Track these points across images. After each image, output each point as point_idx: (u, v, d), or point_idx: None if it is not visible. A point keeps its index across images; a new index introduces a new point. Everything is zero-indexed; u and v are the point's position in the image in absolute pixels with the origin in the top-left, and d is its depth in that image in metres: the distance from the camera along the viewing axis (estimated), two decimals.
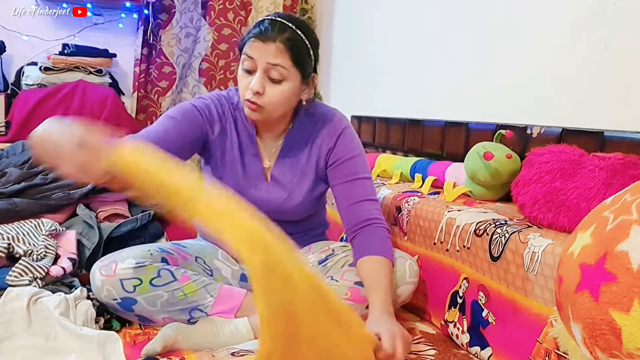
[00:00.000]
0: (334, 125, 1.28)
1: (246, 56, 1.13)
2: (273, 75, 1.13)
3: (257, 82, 1.12)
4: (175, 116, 1.20)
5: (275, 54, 1.11)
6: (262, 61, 1.12)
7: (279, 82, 1.14)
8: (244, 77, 1.16)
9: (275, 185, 1.27)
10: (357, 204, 1.24)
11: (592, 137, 1.16)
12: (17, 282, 1.18)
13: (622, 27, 1.14)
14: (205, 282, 1.15)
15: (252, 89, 1.13)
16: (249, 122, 1.26)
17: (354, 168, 1.26)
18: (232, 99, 1.28)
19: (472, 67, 1.63)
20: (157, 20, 2.66)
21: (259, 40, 1.12)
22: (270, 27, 1.12)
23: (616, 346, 0.59)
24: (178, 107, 1.23)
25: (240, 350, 1.04)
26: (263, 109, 1.15)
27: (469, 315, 1.13)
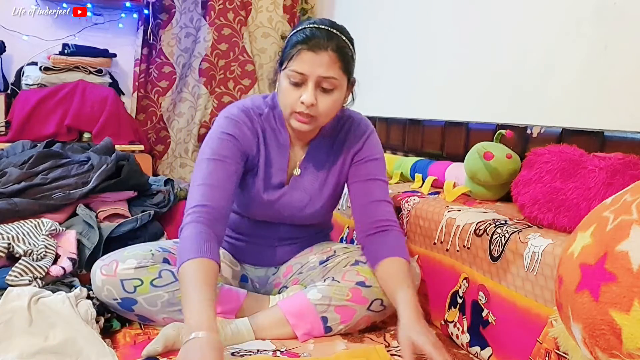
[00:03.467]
0: (362, 127, 1.27)
1: (295, 72, 1.08)
2: (325, 86, 1.10)
3: (311, 96, 1.08)
4: (219, 158, 1.13)
5: (328, 64, 1.07)
6: (314, 74, 1.07)
7: (330, 92, 1.11)
8: (291, 90, 1.10)
9: (296, 191, 1.25)
10: (374, 204, 1.22)
11: (592, 137, 1.16)
12: (17, 281, 1.18)
13: (622, 27, 1.14)
14: None
15: (307, 103, 1.08)
16: (283, 132, 1.22)
17: (374, 170, 1.25)
18: (259, 109, 1.22)
19: (473, 67, 1.63)
20: (157, 20, 2.66)
21: (308, 51, 1.07)
22: (318, 35, 1.08)
23: (616, 346, 0.59)
24: (217, 145, 1.15)
25: (240, 350, 1.04)
26: (315, 120, 1.13)
27: (469, 315, 1.13)
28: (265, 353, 1.04)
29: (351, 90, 1.21)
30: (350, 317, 1.13)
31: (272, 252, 1.32)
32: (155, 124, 2.75)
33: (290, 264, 1.32)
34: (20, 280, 1.19)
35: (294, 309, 1.11)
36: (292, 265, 1.32)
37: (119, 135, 2.36)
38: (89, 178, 1.59)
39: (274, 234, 1.31)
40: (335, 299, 1.12)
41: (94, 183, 1.56)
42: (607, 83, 1.17)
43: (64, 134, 2.32)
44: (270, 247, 1.31)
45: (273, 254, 1.32)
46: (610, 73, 1.17)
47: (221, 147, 1.14)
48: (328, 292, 1.13)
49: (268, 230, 1.30)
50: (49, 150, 1.69)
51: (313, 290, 1.14)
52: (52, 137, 2.19)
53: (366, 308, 1.14)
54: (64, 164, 1.63)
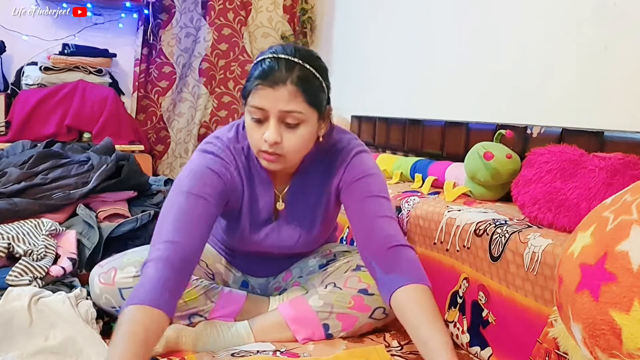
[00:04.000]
0: (344, 154, 1.14)
1: (254, 108, 0.99)
2: (289, 121, 0.99)
3: (273, 133, 0.98)
4: (202, 195, 1.02)
5: (288, 99, 0.97)
6: (274, 110, 0.97)
7: (296, 127, 1.00)
8: (254, 128, 1.01)
9: (284, 227, 1.18)
10: (371, 222, 1.06)
11: (592, 137, 1.16)
12: (17, 281, 1.18)
13: (622, 27, 1.14)
14: (206, 287, 1.15)
15: (269, 141, 0.98)
16: (262, 168, 1.12)
17: (366, 187, 1.10)
18: (241, 143, 1.12)
19: (473, 67, 1.63)
20: (157, 20, 2.66)
21: (265, 87, 0.97)
22: (275, 68, 0.97)
23: (616, 346, 0.59)
24: (201, 182, 1.04)
25: (240, 351, 1.04)
26: (284, 158, 1.02)
27: (469, 315, 1.13)
28: (265, 353, 1.04)
29: (328, 119, 1.10)
30: (352, 324, 1.12)
31: (272, 266, 1.30)
32: (155, 124, 2.75)
33: (290, 269, 1.32)
34: (21, 280, 1.19)
35: (295, 315, 1.10)
36: (291, 270, 1.31)
37: (119, 135, 2.36)
38: (89, 178, 1.59)
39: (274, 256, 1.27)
40: (337, 307, 1.11)
41: (94, 183, 1.56)
42: (607, 83, 1.17)
43: (64, 134, 2.32)
44: (270, 261, 1.29)
45: (272, 267, 1.31)
46: (610, 73, 1.17)
47: (204, 184, 1.04)
48: (330, 299, 1.12)
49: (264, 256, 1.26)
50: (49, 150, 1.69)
51: (314, 297, 1.12)
52: (52, 137, 2.19)
53: (368, 316, 1.13)
54: (64, 164, 1.63)
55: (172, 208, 1.01)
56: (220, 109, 2.77)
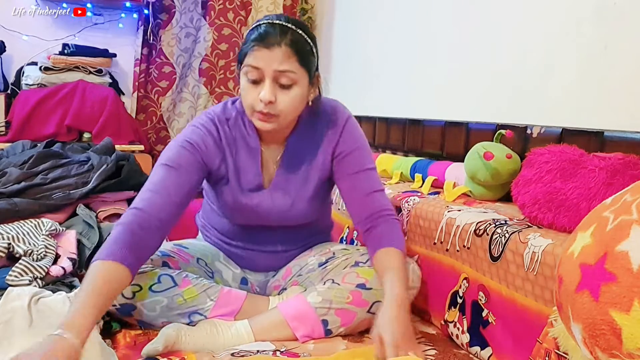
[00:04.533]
0: (337, 119, 1.23)
1: (250, 67, 1.07)
2: (283, 82, 1.07)
3: (268, 92, 1.06)
4: (173, 165, 1.12)
5: (282, 59, 1.05)
6: (269, 69, 1.06)
7: (289, 88, 1.08)
8: (250, 88, 1.09)
9: (278, 192, 1.23)
10: (367, 197, 1.21)
11: (592, 137, 1.16)
12: (17, 282, 1.18)
13: (622, 27, 1.14)
14: (206, 286, 1.15)
15: (264, 100, 1.06)
16: (252, 134, 1.20)
17: (359, 159, 1.22)
18: (227, 115, 1.21)
19: (472, 67, 1.63)
20: (157, 20, 2.66)
21: (262, 47, 1.05)
22: (271, 31, 1.06)
23: (616, 346, 0.59)
24: (175, 153, 1.14)
25: (240, 350, 1.04)
26: (277, 118, 1.10)
27: (469, 315, 1.13)
28: (265, 353, 1.04)
29: (317, 85, 1.18)
30: (351, 320, 1.13)
31: (270, 258, 1.31)
32: (155, 124, 2.75)
33: (289, 266, 1.32)
34: (21, 280, 1.19)
35: (294, 312, 1.11)
36: (291, 268, 1.31)
37: (119, 135, 2.36)
38: (89, 178, 1.59)
39: (270, 238, 1.29)
40: (336, 302, 1.12)
41: (94, 183, 1.56)
42: (607, 83, 1.17)
43: (64, 134, 2.32)
44: (269, 253, 1.30)
45: (271, 259, 1.31)
46: (610, 73, 1.17)
47: (178, 155, 1.13)
48: (328, 295, 1.12)
49: (264, 236, 1.29)
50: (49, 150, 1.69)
51: (313, 293, 1.13)
52: (52, 137, 2.19)
53: (366, 311, 1.14)
54: (64, 164, 1.63)
55: (149, 179, 1.12)
56: None
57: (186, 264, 1.20)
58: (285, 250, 1.31)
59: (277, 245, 1.30)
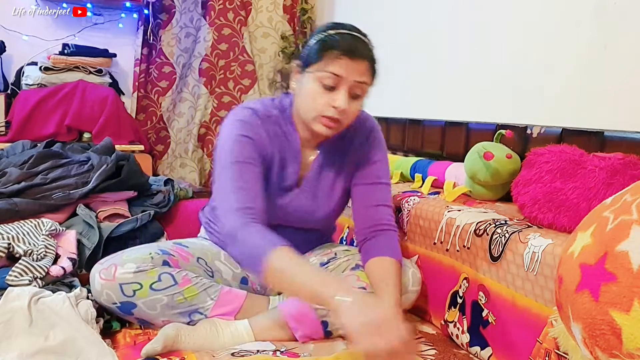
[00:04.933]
0: (365, 129, 1.28)
1: (332, 74, 1.07)
2: (357, 92, 1.10)
3: (345, 101, 1.08)
4: (245, 160, 1.11)
5: (363, 72, 1.09)
6: (350, 79, 1.08)
7: (358, 98, 1.12)
8: (323, 93, 1.09)
9: (307, 194, 1.25)
10: (374, 208, 1.23)
11: (592, 137, 1.16)
12: (17, 282, 1.18)
13: (622, 27, 1.14)
14: (206, 285, 1.15)
15: (339, 108, 1.08)
16: (295, 135, 1.21)
17: (377, 172, 1.26)
18: (268, 112, 1.20)
19: (472, 67, 1.63)
20: (157, 20, 2.66)
21: (347, 58, 1.07)
22: (357, 44, 1.09)
23: (616, 346, 0.59)
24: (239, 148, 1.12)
25: (240, 350, 1.04)
26: (340, 125, 1.12)
27: (469, 315, 1.13)
28: (265, 353, 1.04)
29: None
30: None
31: None
32: (155, 124, 2.75)
33: None
34: (20, 280, 1.18)
35: (294, 312, 1.11)
36: None
37: (119, 135, 2.36)
38: (89, 178, 1.59)
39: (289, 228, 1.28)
40: None
41: (94, 183, 1.56)
42: (607, 83, 1.17)
43: (64, 134, 2.32)
44: None
45: None
46: (610, 73, 1.17)
47: (243, 150, 1.12)
48: None
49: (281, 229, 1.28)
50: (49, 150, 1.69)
51: None
52: (52, 137, 2.19)
53: None
54: (64, 164, 1.63)
55: (225, 181, 1.09)
56: (220, 109, 2.77)
57: (186, 262, 1.20)
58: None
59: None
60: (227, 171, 1.10)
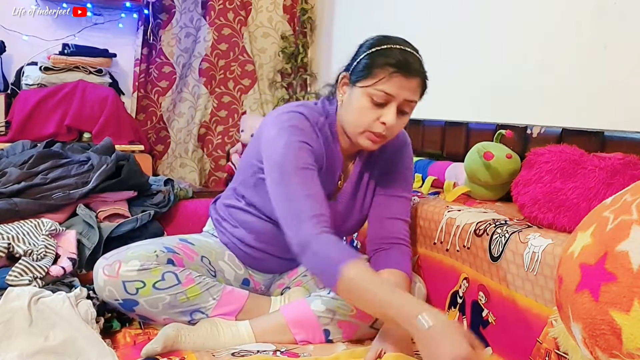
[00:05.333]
0: (399, 143, 1.26)
1: (383, 93, 1.04)
2: (405, 109, 1.08)
3: (394, 118, 1.06)
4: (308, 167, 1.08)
5: (415, 89, 1.07)
6: (400, 97, 1.05)
7: (405, 115, 1.10)
8: (372, 109, 1.07)
9: (340, 205, 1.23)
10: (391, 220, 1.22)
11: (592, 137, 1.16)
12: (17, 281, 1.18)
13: (622, 27, 1.14)
14: (209, 285, 1.15)
15: (388, 124, 1.06)
16: (337, 145, 1.19)
17: (400, 184, 1.25)
18: (315, 119, 1.16)
19: (472, 67, 1.63)
20: (157, 20, 2.66)
21: (400, 76, 1.04)
22: (411, 61, 1.06)
23: (616, 346, 0.59)
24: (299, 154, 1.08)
25: (240, 350, 1.04)
26: (385, 139, 1.12)
27: (469, 315, 1.13)
28: (266, 353, 1.04)
29: None
30: (353, 332, 1.13)
31: (285, 264, 1.30)
32: (155, 124, 2.75)
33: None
34: (20, 280, 1.18)
35: (296, 318, 1.11)
36: (297, 267, 1.31)
37: (119, 135, 2.36)
38: (89, 178, 1.59)
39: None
40: (339, 314, 1.12)
41: (94, 183, 1.56)
42: (607, 83, 1.17)
43: (64, 134, 2.32)
44: (285, 260, 1.28)
45: (285, 265, 1.31)
46: (610, 73, 1.17)
47: (306, 156, 1.09)
48: (332, 306, 1.12)
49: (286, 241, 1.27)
50: (49, 150, 1.69)
51: (317, 301, 1.13)
52: (52, 137, 2.19)
53: (369, 325, 1.14)
54: (64, 164, 1.62)
55: (293, 187, 1.05)
56: (220, 109, 2.77)
57: (190, 261, 1.19)
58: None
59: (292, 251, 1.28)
60: (293, 177, 1.05)
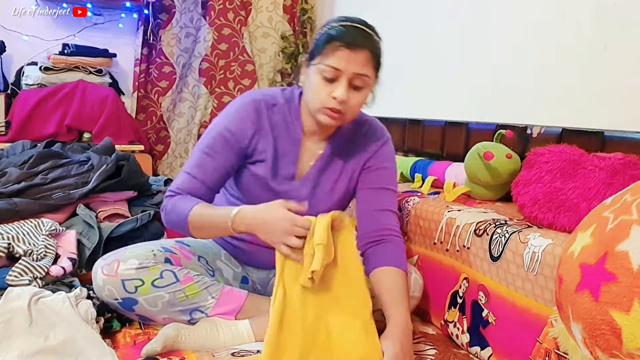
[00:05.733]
0: (378, 134, 1.27)
1: (330, 68, 1.08)
2: (357, 83, 1.11)
3: (344, 92, 1.09)
4: (209, 152, 1.17)
5: (363, 63, 1.09)
6: (349, 71, 1.08)
7: (360, 89, 1.12)
8: (322, 85, 1.11)
9: (307, 187, 1.23)
10: (379, 213, 1.22)
11: (592, 137, 1.16)
12: (17, 281, 1.18)
13: (622, 27, 1.14)
14: (208, 284, 1.15)
15: (339, 99, 1.09)
16: (296, 124, 1.22)
17: (385, 178, 1.25)
18: (273, 100, 1.22)
19: (472, 67, 1.63)
20: (157, 20, 2.66)
21: (345, 49, 1.08)
22: (356, 35, 1.09)
23: (616, 346, 0.59)
24: (212, 140, 1.18)
25: (240, 350, 1.04)
26: (343, 116, 1.13)
27: (469, 315, 1.13)
28: None
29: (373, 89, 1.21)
30: None
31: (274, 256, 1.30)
32: (155, 124, 2.75)
33: None
34: (20, 280, 1.19)
35: None
36: None
37: (119, 135, 2.36)
38: (89, 178, 1.59)
39: None
40: None
41: (94, 183, 1.56)
42: (607, 83, 1.17)
43: (64, 134, 2.32)
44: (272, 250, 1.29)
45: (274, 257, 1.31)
46: (610, 73, 1.17)
47: (216, 143, 1.18)
48: None
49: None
50: (49, 150, 1.69)
51: None
52: (52, 137, 2.19)
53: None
54: (64, 164, 1.63)
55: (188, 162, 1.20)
56: (220, 109, 2.73)
57: (188, 261, 1.20)
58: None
59: None
60: (194, 154, 1.19)
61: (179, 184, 1.16)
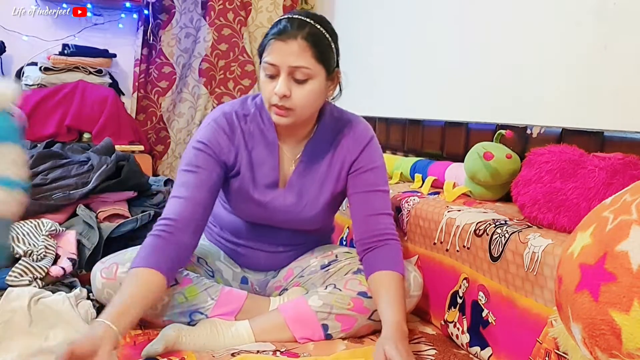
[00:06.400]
0: (361, 133, 1.23)
1: (267, 63, 1.08)
2: (298, 77, 1.07)
3: (282, 86, 1.06)
4: (191, 169, 1.14)
5: (298, 53, 1.06)
6: (284, 64, 1.06)
7: (304, 82, 1.08)
8: (267, 83, 1.10)
9: (292, 193, 1.21)
10: (373, 217, 1.19)
11: (592, 137, 1.16)
12: (17, 282, 1.18)
13: (622, 27, 1.14)
14: (207, 285, 1.15)
15: (278, 93, 1.07)
16: (270, 129, 1.19)
17: (374, 179, 1.21)
18: (245, 111, 1.21)
19: (472, 67, 1.63)
20: (157, 21, 2.66)
21: (278, 40, 1.06)
22: (288, 25, 1.07)
23: (616, 346, 0.59)
24: (191, 156, 1.15)
25: (240, 350, 1.04)
26: (292, 112, 1.10)
27: (469, 315, 1.13)
28: (265, 353, 1.04)
29: (337, 82, 1.19)
30: (351, 325, 1.13)
31: (272, 258, 1.30)
32: (155, 124, 2.75)
33: (291, 267, 1.31)
34: (20, 281, 1.19)
35: (294, 315, 1.11)
36: (292, 269, 1.31)
37: (119, 136, 2.36)
38: (89, 178, 1.59)
39: (274, 239, 1.28)
40: (337, 307, 1.12)
41: (94, 183, 1.56)
42: (607, 83, 1.17)
43: (64, 134, 2.32)
44: (270, 253, 1.29)
45: (272, 259, 1.31)
46: (610, 73, 1.17)
47: (194, 158, 1.15)
48: (329, 300, 1.12)
49: (267, 236, 1.27)
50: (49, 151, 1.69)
51: (314, 297, 1.13)
52: (52, 137, 2.19)
53: (367, 317, 1.14)
54: (64, 164, 1.63)
55: (174, 187, 1.15)
56: None
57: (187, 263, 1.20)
58: (286, 251, 1.31)
59: (279, 246, 1.29)
60: (177, 177, 1.16)
61: (168, 212, 1.10)
